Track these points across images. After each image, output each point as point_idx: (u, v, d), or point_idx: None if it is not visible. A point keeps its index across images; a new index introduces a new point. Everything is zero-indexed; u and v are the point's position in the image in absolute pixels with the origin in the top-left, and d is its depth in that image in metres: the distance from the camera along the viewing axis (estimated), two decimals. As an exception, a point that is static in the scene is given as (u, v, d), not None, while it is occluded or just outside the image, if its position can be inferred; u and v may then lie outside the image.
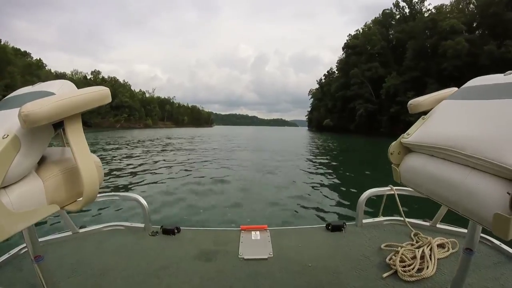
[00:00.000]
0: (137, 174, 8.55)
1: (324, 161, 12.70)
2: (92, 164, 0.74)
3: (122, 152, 14.53)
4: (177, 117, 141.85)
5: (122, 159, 12.01)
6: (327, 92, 67.99)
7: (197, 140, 26.04)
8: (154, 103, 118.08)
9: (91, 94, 0.74)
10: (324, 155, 15.41)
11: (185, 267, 1.44)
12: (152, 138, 28.62)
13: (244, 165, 10.65)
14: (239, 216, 4.74)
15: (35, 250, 0.99)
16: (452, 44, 35.00)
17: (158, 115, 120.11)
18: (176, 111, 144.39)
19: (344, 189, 7.12)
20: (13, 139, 0.61)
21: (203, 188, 6.75)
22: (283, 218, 4.71)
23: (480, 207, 0.59)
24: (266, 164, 10.79)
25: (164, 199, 5.75)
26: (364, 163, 12.94)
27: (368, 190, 1.83)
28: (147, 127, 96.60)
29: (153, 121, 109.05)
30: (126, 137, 28.70)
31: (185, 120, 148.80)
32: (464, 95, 0.90)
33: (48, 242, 1.68)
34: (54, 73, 79.03)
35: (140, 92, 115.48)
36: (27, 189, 0.64)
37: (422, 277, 1.28)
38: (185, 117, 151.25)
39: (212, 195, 6.11)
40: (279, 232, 1.81)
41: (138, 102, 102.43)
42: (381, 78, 45.32)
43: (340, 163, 12.65)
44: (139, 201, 1.82)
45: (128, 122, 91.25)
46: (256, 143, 24.18)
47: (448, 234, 1.67)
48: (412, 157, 0.89)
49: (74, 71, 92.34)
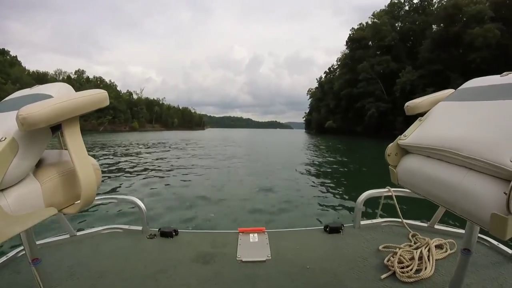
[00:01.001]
0: (133, 177, 8.52)
1: (328, 169, 11.93)
2: (90, 167, 0.74)
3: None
4: (166, 119, 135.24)
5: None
6: (328, 91, 62.58)
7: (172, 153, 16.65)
8: (142, 104, 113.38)
9: (89, 97, 0.74)
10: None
11: (183, 270, 1.43)
12: (119, 143, 24.23)
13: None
14: (237, 219, 4.73)
15: (33, 252, 0.99)
16: (481, 32, 29.63)
17: (146, 117, 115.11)
18: (166, 113, 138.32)
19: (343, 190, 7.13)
20: (11, 142, 0.61)
21: (201, 192, 6.74)
22: (281, 220, 4.71)
23: (477, 207, 0.60)
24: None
25: (162, 202, 5.73)
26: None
27: (366, 192, 1.83)
28: (133, 130, 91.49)
29: (140, 124, 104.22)
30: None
31: (175, 122, 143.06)
32: (460, 97, 0.91)
33: (45, 245, 1.67)
34: (36, 72, 76.80)
35: (127, 92, 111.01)
36: (24, 192, 0.64)
37: (420, 278, 1.28)
38: (175, 119, 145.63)
39: (209, 200, 6.10)
40: (277, 234, 1.80)
41: (124, 103, 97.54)
42: (393, 74, 40.34)
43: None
44: (137, 203, 1.81)
45: (113, 125, 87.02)
46: (252, 151, 18.96)
47: (446, 235, 1.68)
48: (409, 158, 0.90)
49: (57, 70, 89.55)
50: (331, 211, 5.32)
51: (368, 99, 43.03)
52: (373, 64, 45.06)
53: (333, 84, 58.04)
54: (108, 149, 18.12)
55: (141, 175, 8.74)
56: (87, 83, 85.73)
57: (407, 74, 37.61)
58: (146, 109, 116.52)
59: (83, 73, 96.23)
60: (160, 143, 25.51)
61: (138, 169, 9.91)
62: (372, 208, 2.02)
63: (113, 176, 8.46)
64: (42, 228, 3.55)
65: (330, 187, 7.39)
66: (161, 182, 7.81)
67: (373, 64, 45.05)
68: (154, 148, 19.97)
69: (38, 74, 79.29)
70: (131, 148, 19.28)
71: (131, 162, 11.88)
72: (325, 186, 7.58)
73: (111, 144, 23.51)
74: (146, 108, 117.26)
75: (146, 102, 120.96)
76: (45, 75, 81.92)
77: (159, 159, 13.31)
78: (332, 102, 58.21)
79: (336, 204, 5.83)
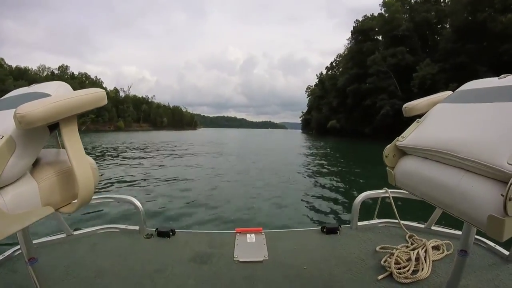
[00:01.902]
0: (133, 179, 8.49)
1: (324, 170, 11.77)
2: (87, 166, 0.73)
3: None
4: (155, 118, 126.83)
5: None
6: (330, 88, 55.46)
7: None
8: (129, 102, 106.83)
9: (87, 96, 0.74)
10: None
11: (179, 270, 1.43)
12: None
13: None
14: (234, 219, 4.73)
15: (29, 252, 0.98)
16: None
17: (133, 116, 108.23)
18: (155, 111, 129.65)
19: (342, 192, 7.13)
20: (8, 140, 0.61)
21: (198, 193, 6.73)
22: (278, 220, 4.71)
23: (474, 209, 0.60)
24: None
25: (159, 202, 5.72)
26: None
27: (363, 193, 1.84)
28: (118, 129, 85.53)
29: (126, 123, 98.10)
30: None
31: (164, 122, 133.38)
32: (458, 99, 0.91)
33: (42, 244, 1.66)
34: (17, 69, 72.06)
35: (113, 90, 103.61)
36: (21, 190, 0.63)
37: (417, 279, 1.29)
38: (164, 118, 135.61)
39: (207, 199, 6.10)
40: (274, 235, 1.80)
41: (109, 101, 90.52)
42: (408, 68, 35.04)
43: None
44: (134, 203, 1.80)
45: (96, 124, 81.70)
46: (247, 157, 15.26)
47: (442, 236, 1.68)
48: (407, 160, 0.90)
49: (41, 66, 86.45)
50: (328, 212, 5.33)
51: (379, 95, 37.13)
52: (385, 56, 39.00)
53: (337, 80, 51.77)
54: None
55: (138, 176, 8.72)
56: (71, 80, 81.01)
57: (426, 67, 32.48)
58: (134, 108, 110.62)
59: (66, 69, 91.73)
60: (129, 148, 20.63)
61: (136, 170, 9.89)
62: (370, 209, 2.03)
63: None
64: (38, 227, 3.54)
65: (327, 188, 7.41)
66: (159, 182, 7.80)
67: (385, 56, 39.01)
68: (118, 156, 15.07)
69: (19, 70, 74.90)
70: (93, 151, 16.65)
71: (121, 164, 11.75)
72: (323, 187, 7.60)
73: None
74: (134, 106, 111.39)
75: (133, 100, 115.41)
76: (26, 70, 77.80)
77: (152, 164, 12.96)
78: (335, 100, 51.19)
79: (333, 204, 5.84)
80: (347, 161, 14.95)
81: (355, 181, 8.98)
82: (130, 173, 9.13)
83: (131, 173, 9.14)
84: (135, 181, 7.92)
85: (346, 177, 9.65)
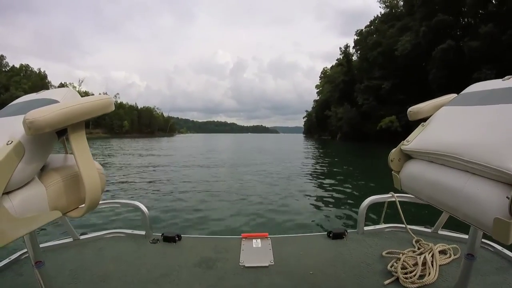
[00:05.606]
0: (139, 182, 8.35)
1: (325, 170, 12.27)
2: (95, 171, 0.75)
3: None
4: (111, 122, 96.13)
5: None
6: (368, 66, 34.74)
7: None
8: None
9: (95, 103, 0.75)
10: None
11: (185, 275, 1.43)
12: None
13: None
14: (240, 224, 4.72)
15: (36, 255, 0.99)
16: None
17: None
18: (114, 113, 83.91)
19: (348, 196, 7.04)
20: (17, 146, 0.62)
21: (205, 197, 6.70)
22: (284, 226, 4.69)
23: (480, 212, 0.60)
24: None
25: (166, 207, 5.74)
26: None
27: (370, 197, 1.82)
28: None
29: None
30: None
31: (125, 126, 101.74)
32: (463, 101, 0.91)
33: (48, 248, 1.68)
34: None
35: (59, 85, 73.80)
36: (29, 195, 0.65)
37: (424, 283, 1.27)
38: (125, 121, 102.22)
39: (212, 203, 6.06)
40: (280, 240, 1.80)
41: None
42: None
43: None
44: (140, 208, 1.81)
45: None
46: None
47: (449, 240, 1.66)
48: (412, 163, 0.90)
49: None
50: (334, 217, 5.30)
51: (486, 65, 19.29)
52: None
53: (390, 45, 30.97)
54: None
55: (144, 181, 8.75)
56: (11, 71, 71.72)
57: None
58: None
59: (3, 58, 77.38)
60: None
61: (143, 175, 9.90)
62: (376, 213, 2.01)
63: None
64: (45, 231, 3.57)
65: (334, 192, 7.35)
66: (165, 187, 7.82)
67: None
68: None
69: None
70: None
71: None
72: (329, 191, 7.56)
73: None
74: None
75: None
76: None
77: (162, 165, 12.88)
78: (388, 82, 30.75)
79: (339, 209, 5.80)
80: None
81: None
82: (136, 177, 9.13)
83: (137, 177, 9.11)
84: (141, 188, 7.92)
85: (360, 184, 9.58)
